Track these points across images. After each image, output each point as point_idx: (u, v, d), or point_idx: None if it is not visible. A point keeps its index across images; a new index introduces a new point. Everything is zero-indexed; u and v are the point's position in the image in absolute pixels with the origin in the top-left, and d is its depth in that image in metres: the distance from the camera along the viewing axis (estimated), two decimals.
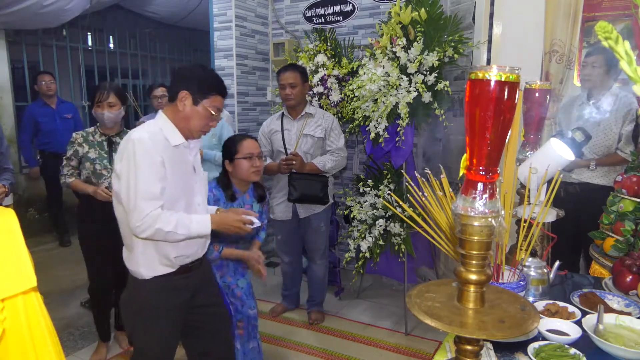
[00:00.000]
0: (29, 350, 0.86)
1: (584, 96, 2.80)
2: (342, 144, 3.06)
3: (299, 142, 3.01)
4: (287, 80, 2.94)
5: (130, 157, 1.60)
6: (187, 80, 1.69)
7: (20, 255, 0.86)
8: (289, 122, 3.07)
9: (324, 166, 2.97)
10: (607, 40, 0.75)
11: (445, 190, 1.19)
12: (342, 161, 3.05)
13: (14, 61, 4.85)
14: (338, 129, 3.09)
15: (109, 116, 2.56)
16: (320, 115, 3.07)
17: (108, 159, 2.62)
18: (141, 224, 1.58)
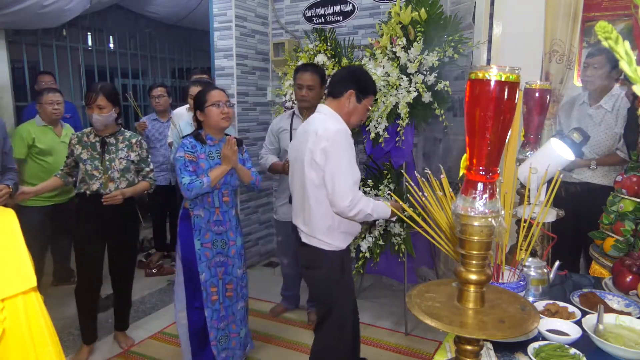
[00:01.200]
0: (29, 350, 0.86)
1: (584, 96, 2.80)
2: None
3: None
4: (305, 82, 2.79)
5: (337, 147, 1.88)
6: (353, 82, 2.01)
7: (20, 255, 0.86)
8: (298, 122, 2.91)
9: None
10: (607, 40, 0.75)
11: (445, 190, 1.19)
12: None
13: (14, 61, 4.84)
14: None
15: (97, 119, 2.53)
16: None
17: (100, 160, 2.61)
18: (350, 205, 1.86)
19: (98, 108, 2.52)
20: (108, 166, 2.60)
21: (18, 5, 3.91)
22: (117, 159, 2.63)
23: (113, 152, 2.63)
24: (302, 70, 2.83)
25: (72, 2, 4.24)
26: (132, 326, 3.22)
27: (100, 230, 2.67)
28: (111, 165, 2.61)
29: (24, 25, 4.43)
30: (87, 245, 2.69)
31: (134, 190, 2.69)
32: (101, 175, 2.60)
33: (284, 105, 3.64)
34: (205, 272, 2.38)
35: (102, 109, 2.52)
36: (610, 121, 2.69)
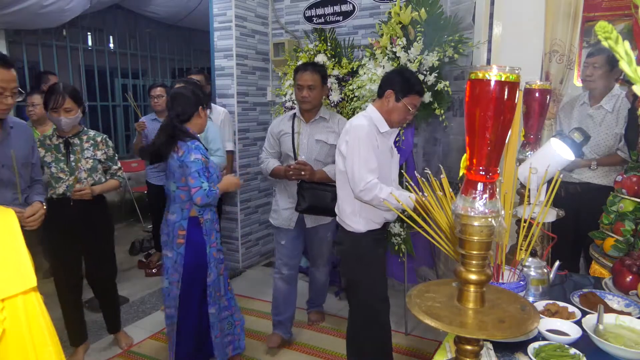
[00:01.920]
0: (29, 350, 0.86)
1: (585, 96, 2.80)
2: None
3: (310, 148, 2.77)
4: (305, 82, 2.66)
5: (354, 139, 2.09)
6: (393, 82, 2.14)
7: (20, 255, 0.86)
8: (300, 124, 2.81)
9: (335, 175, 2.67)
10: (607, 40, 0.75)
11: (445, 190, 1.19)
12: None
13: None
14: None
15: (66, 122, 2.47)
16: (335, 121, 2.80)
17: (65, 161, 2.54)
18: (364, 189, 2.04)
19: (65, 111, 2.45)
20: (74, 167, 2.53)
21: (18, 5, 3.91)
22: (82, 159, 2.56)
23: (78, 152, 2.56)
24: (301, 70, 2.70)
25: (72, 2, 4.24)
26: (132, 326, 3.23)
27: (71, 235, 2.60)
28: (77, 166, 2.54)
29: (24, 25, 4.44)
30: (60, 252, 2.64)
31: (103, 188, 2.63)
32: (68, 177, 2.52)
33: (284, 105, 3.64)
34: (213, 272, 2.41)
35: (70, 111, 2.46)
36: (610, 121, 2.69)
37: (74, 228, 2.59)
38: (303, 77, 2.67)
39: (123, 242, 4.97)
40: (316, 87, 2.68)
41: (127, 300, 3.60)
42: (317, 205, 2.71)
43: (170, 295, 2.40)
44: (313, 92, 2.68)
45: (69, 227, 2.57)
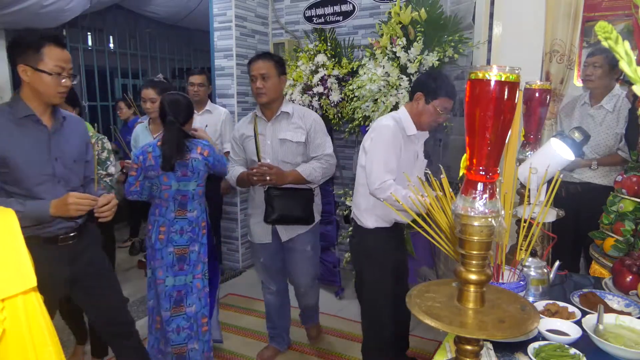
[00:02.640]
0: (29, 350, 0.86)
1: (585, 96, 2.80)
2: (329, 149, 2.51)
3: (275, 149, 2.46)
4: (258, 71, 2.38)
5: (378, 138, 2.10)
6: (423, 84, 2.14)
7: (20, 255, 0.86)
8: (262, 124, 2.50)
9: (311, 175, 2.43)
10: (607, 40, 0.75)
11: (445, 190, 1.19)
12: (330, 169, 2.51)
13: None
14: (322, 131, 2.52)
15: None
16: (300, 115, 2.50)
17: None
18: (379, 187, 2.04)
19: None
20: None
21: (18, 5, 3.91)
22: None
23: None
24: (252, 60, 2.44)
25: (72, 2, 4.24)
26: None
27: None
28: None
29: (24, 25, 4.42)
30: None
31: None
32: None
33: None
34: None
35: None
36: (611, 121, 2.69)
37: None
38: (255, 66, 2.41)
39: (122, 242, 4.98)
40: (270, 76, 2.38)
41: (127, 300, 3.60)
42: (288, 214, 2.44)
43: (193, 290, 2.43)
44: (268, 82, 2.38)
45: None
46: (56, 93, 1.74)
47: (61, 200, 1.70)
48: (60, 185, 1.81)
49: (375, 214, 2.23)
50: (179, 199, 2.37)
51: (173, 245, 2.37)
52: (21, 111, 1.73)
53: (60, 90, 1.74)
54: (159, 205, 2.39)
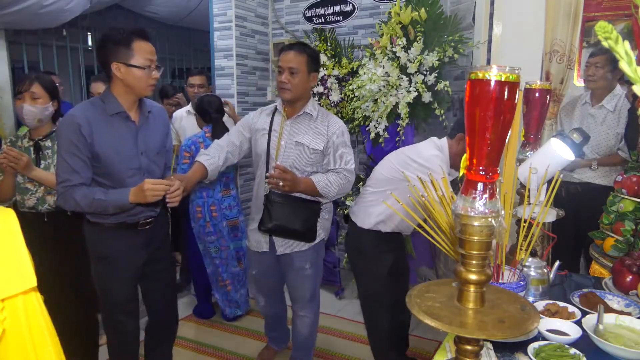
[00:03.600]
0: (29, 350, 0.86)
1: (586, 96, 2.80)
2: (351, 164, 2.22)
3: (288, 151, 2.19)
4: (287, 63, 2.11)
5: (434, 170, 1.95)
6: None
7: (20, 255, 0.86)
8: (280, 121, 2.23)
9: (325, 189, 2.13)
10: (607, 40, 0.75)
11: (445, 190, 1.19)
12: (347, 186, 2.22)
13: (14, 61, 4.84)
14: (346, 142, 2.24)
15: (28, 109, 2.04)
16: (324, 119, 2.23)
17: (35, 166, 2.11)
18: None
19: (31, 98, 2.04)
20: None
21: (18, 5, 3.91)
22: (53, 164, 2.11)
23: (49, 157, 2.13)
24: (286, 49, 2.17)
25: (72, 2, 4.24)
26: None
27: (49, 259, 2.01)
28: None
29: (24, 25, 4.43)
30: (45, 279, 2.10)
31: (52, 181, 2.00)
32: (36, 189, 2.12)
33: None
34: None
35: (37, 98, 2.05)
36: (612, 121, 2.69)
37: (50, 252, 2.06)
38: (285, 57, 2.13)
39: None
40: (300, 71, 2.11)
41: None
42: (285, 225, 2.14)
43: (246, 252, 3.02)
44: (295, 78, 2.11)
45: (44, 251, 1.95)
46: (147, 86, 1.81)
47: (138, 187, 1.75)
48: (145, 177, 1.86)
49: (382, 220, 2.23)
50: (224, 181, 2.97)
51: (226, 219, 3.00)
52: (113, 108, 1.81)
53: (150, 83, 1.82)
54: (206, 188, 2.91)
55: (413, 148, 2.27)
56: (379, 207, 2.21)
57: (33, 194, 2.13)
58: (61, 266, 2.16)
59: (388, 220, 2.24)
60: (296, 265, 2.29)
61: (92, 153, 1.77)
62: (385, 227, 2.27)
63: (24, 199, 2.13)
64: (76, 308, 2.29)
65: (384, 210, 2.19)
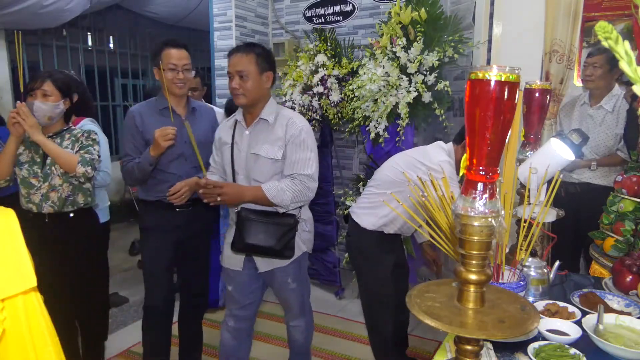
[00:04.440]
0: (29, 350, 0.86)
1: (585, 96, 2.80)
2: (310, 168, 2.00)
3: (248, 164, 2.02)
4: (234, 67, 1.94)
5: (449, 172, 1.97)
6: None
7: (20, 255, 0.86)
8: (240, 131, 2.06)
9: (277, 197, 1.93)
10: (607, 40, 0.75)
11: (445, 190, 1.19)
12: (304, 193, 1.99)
13: (14, 61, 4.85)
14: (306, 145, 2.00)
15: (39, 106, 2.04)
16: (283, 123, 2.00)
17: (41, 164, 2.13)
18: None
19: (42, 95, 2.05)
20: (48, 172, 2.12)
21: (18, 5, 3.91)
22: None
23: None
24: (231, 53, 2.00)
25: (72, 2, 4.24)
26: (132, 326, 3.23)
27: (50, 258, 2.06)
28: (52, 170, 2.12)
29: (24, 25, 4.44)
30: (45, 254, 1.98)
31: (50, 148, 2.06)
32: (41, 184, 2.11)
33: (284, 105, 3.64)
34: None
35: (48, 96, 2.06)
36: (610, 122, 2.69)
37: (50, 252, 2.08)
38: (232, 61, 1.96)
39: (123, 242, 4.98)
40: (250, 73, 1.93)
41: (127, 300, 3.60)
42: (259, 244, 1.98)
43: None
44: (247, 81, 1.93)
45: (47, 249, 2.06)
46: (173, 84, 2.15)
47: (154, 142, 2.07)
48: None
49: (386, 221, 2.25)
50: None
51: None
52: (160, 104, 2.21)
53: (175, 82, 2.15)
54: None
55: (420, 151, 2.26)
56: (384, 209, 2.21)
57: (38, 189, 2.12)
58: (61, 266, 2.16)
59: (392, 223, 2.26)
60: (278, 280, 2.14)
61: (144, 139, 2.17)
62: (388, 228, 2.28)
63: (29, 194, 2.13)
64: (76, 308, 2.31)
65: (389, 212, 2.20)
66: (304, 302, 2.26)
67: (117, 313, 3.41)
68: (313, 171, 2.01)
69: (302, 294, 2.22)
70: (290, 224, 2.01)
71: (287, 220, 2.01)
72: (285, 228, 2.00)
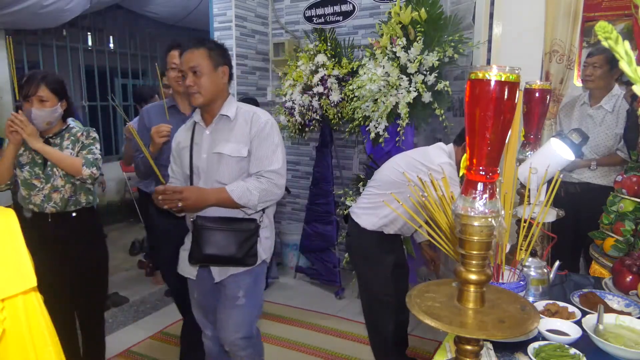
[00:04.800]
0: (29, 350, 0.86)
1: (585, 96, 2.80)
2: (277, 163, 1.85)
3: (210, 165, 1.87)
4: (187, 64, 1.83)
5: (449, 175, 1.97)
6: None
7: (20, 255, 0.86)
8: (200, 131, 1.93)
9: (243, 197, 1.78)
10: (607, 40, 0.75)
11: (445, 190, 1.19)
12: (272, 191, 1.84)
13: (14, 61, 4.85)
14: (271, 140, 1.85)
15: (37, 114, 2.03)
16: (247, 118, 1.87)
17: (42, 166, 2.11)
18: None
19: (39, 101, 2.03)
20: (50, 173, 2.11)
21: (18, 5, 3.91)
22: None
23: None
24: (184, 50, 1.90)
25: (72, 2, 4.24)
26: (132, 326, 3.23)
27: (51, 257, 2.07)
28: (53, 172, 2.11)
29: (24, 25, 4.44)
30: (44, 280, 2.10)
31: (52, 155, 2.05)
32: (43, 185, 2.10)
33: (284, 105, 3.64)
34: None
35: (44, 101, 2.04)
36: (610, 122, 2.69)
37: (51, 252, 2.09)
38: (184, 58, 1.85)
39: (123, 242, 4.98)
40: (203, 68, 1.82)
41: (127, 300, 3.60)
42: (218, 254, 1.82)
43: None
44: (201, 77, 1.82)
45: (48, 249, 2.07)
46: (175, 83, 2.30)
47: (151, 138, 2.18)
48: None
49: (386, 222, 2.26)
50: None
51: None
52: (168, 102, 2.34)
53: (178, 81, 2.26)
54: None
55: (421, 152, 2.26)
56: (385, 209, 2.22)
57: (40, 190, 2.11)
58: (61, 266, 2.16)
59: (392, 223, 2.27)
60: (227, 294, 1.91)
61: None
62: (388, 229, 2.28)
63: (30, 195, 2.11)
64: (76, 308, 2.32)
65: (389, 212, 2.21)
66: (252, 328, 1.95)
67: (117, 313, 3.41)
68: (280, 166, 1.86)
69: (251, 315, 1.94)
70: (251, 229, 1.86)
71: (248, 225, 1.86)
72: (246, 234, 1.84)
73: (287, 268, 4.20)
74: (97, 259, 2.33)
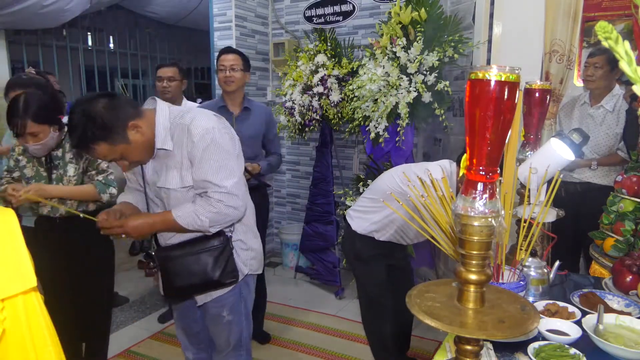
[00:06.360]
0: (29, 350, 0.86)
1: (585, 96, 2.80)
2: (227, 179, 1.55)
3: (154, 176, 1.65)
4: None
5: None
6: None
7: (20, 255, 0.86)
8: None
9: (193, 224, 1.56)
10: (607, 40, 0.75)
11: (445, 190, 1.19)
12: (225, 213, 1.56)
13: (14, 61, 4.85)
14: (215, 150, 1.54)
15: (35, 149, 2.00)
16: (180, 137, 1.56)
17: (47, 179, 2.10)
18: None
19: (32, 136, 1.95)
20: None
21: (18, 5, 3.91)
22: (65, 176, 2.10)
23: (61, 167, 2.11)
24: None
25: (72, 2, 4.24)
26: (132, 326, 3.23)
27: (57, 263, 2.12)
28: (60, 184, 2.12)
29: (24, 25, 4.44)
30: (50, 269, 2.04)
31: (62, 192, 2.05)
32: (49, 200, 2.07)
33: (284, 105, 3.64)
34: None
35: (37, 135, 1.96)
36: (611, 121, 2.69)
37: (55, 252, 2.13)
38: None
39: (123, 242, 4.99)
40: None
41: (127, 300, 3.61)
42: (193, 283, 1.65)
43: None
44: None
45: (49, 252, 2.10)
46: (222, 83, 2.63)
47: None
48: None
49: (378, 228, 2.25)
50: None
51: None
52: (219, 103, 2.69)
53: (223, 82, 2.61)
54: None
55: (420, 167, 2.18)
56: (375, 215, 2.23)
57: (44, 205, 2.12)
58: (63, 267, 2.17)
59: (383, 230, 2.26)
60: (212, 313, 1.78)
61: None
62: (379, 235, 2.28)
63: (38, 206, 2.14)
64: (77, 308, 2.30)
65: (380, 219, 2.22)
66: (241, 338, 1.82)
67: (117, 313, 3.41)
68: (231, 183, 1.54)
69: (240, 328, 1.80)
70: (222, 244, 1.64)
71: (215, 241, 1.63)
72: (216, 252, 1.63)
73: (287, 268, 4.20)
74: (105, 257, 2.32)
